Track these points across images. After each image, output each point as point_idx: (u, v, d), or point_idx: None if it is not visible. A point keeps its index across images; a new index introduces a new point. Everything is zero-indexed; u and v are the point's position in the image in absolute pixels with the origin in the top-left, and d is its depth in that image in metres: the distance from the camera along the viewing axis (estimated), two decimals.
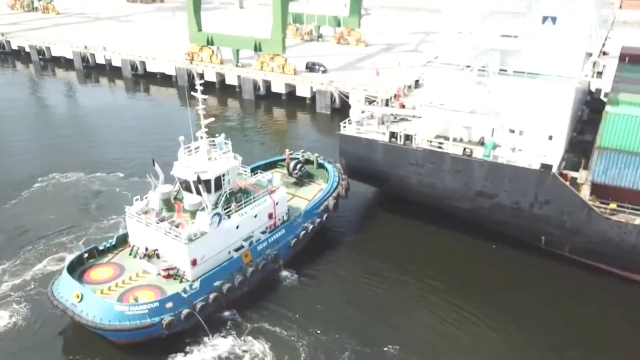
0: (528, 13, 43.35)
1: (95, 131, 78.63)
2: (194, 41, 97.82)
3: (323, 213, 47.47)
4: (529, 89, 43.55)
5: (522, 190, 42.98)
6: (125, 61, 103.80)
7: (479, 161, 43.97)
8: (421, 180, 47.24)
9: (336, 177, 50.88)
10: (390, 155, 47.93)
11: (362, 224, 52.34)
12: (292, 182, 51.54)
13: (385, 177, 49.53)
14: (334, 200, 48.32)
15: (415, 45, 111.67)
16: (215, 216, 39.51)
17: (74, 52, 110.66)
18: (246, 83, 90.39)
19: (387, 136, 47.86)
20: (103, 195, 58.05)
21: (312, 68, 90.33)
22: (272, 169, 54.70)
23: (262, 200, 43.74)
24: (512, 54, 44.74)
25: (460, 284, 42.74)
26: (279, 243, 44.02)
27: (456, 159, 44.81)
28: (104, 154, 68.66)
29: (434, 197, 47.58)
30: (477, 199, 45.24)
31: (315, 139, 74.46)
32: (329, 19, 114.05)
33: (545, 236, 43.96)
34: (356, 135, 49.78)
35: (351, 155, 50.82)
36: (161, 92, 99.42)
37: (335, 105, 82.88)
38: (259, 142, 73.71)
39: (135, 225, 41.53)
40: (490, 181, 44.05)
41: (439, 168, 45.82)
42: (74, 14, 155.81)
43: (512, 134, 45.35)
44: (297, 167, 51.53)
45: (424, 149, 46.16)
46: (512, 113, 44.53)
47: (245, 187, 44.11)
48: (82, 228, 50.55)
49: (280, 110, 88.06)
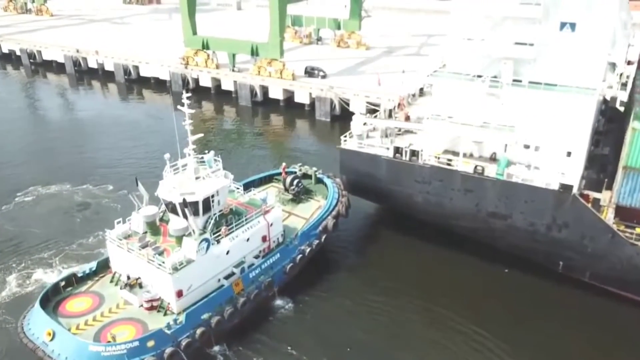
0: (545, 19, 39.80)
1: (85, 139, 75.07)
2: (189, 45, 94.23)
3: (321, 234, 43.96)
4: (545, 101, 40.05)
5: (539, 212, 39.46)
6: (118, 65, 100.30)
7: (492, 180, 40.42)
8: (428, 199, 43.72)
9: (336, 193, 47.38)
10: (394, 172, 44.43)
11: (364, 244, 48.76)
12: (289, 198, 48.06)
13: (389, 194, 46.01)
14: (334, 219, 44.80)
15: (418, 48, 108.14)
16: (203, 242, 36.00)
17: (65, 55, 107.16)
18: (242, 89, 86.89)
19: (392, 151, 44.32)
20: (89, 209, 54.72)
21: (311, 73, 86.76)
22: (267, 184, 51.31)
23: (255, 222, 40.24)
24: (527, 63, 41.19)
25: (471, 310, 39.35)
26: (274, 269, 40.50)
27: (466, 177, 41.28)
28: (93, 164, 65.19)
29: (441, 216, 44.07)
30: (489, 220, 41.72)
31: (314, 149, 70.93)
32: (328, 21, 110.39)
33: (564, 261, 40.47)
34: (358, 150, 46.25)
35: (352, 171, 47.30)
36: (155, 98, 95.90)
37: (336, 112, 79.36)
38: (255, 152, 70.16)
39: (116, 250, 38.07)
40: (504, 201, 40.51)
41: (447, 186, 42.29)
42: (67, 15, 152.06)
43: (526, 149, 41.82)
44: (294, 182, 48.02)
45: (431, 165, 42.63)
46: (527, 127, 41.01)
47: (236, 207, 40.55)
48: (64, 244, 47.49)
49: (278, 117, 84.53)
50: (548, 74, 40.57)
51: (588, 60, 39.48)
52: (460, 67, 43.74)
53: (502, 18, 41.39)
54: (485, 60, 42.56)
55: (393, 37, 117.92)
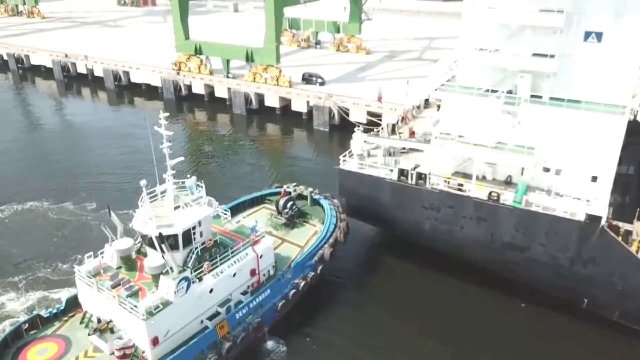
0: (567, 28, 35.54)
1: (69, 151, 70.65)
2: (181, 50, 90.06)
3: (317, 265, 39.67)
4: (568, 119, 35.77)
5: (562, 244, 35.17)
6: (108, 71, 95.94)
7: (508, 208, 36.10)
8: (436, 227, 39.43)
9: (333, 217, 43.09)
10: (399, 196, 40.15)
11: (364, 272, 44.38)
12: (282, 222, 43.79)
13: (393, 220, 41.73)
14: (331, 248, 40.51)
15: (420, 52, 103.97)
16: (182, 281, 31.71)
17: (53, 60, 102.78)
18: (237, 96, 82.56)
19: (396, 174, 40.01)
20: (68, 228, 50.57)
21: (309, 80, 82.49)
22: (259, 205, 47.06)
23: (243, 255, 35.95)
24: (547, 77, 36.97)
25: (485, 349, 35.36)
26: (263, 307, 36.20)
27: (480, 204, 36.96)
28: (76, 179, 60.75)
29: (451, 245, 39.80)
30: (505, 252, 37.43)
31: (312, 162, 66.42)
32: (327, 24, 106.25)
33: (589, 298, 36.19)
34: (358, 171, 41.95)
35: (352, 193, 43.00)
36: (146, 105, 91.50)
37: (335, 121, 75.12)
38: (248, 166, 65.74)
39: (86, 289, 33.80)
40: (522, 232, 36.22)
41: (458, 213, 38.00)
42: (59, 18, 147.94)
43: (546, 173, 37.55)
44: (287, 205, 43.76)
45: (440, 190, 38.32)
46: (547, 148, 36.76)
47: (221, 239, 36.12)
48: (37, 268, 43.92)
49: (274, 127, 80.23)
50: (571, 89, 36.34)
51: (616, 74, 35.22)
52: (472, 81, 39.47)
53: (519, 27, 37.13)
54: (500, 74, 38.35)
55: (394, 40, 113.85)
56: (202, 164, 66.73)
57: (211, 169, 65.37)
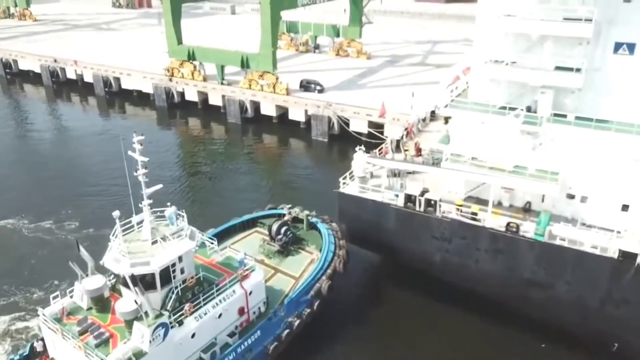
0: (596, 39, 31.62)
1: (54, 163, 66.57)
2: (174, 55, 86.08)
3: (314, 300, 35.68)
4: (596, 141, 31.83)
5: (590, 282, 31.20)
6: (97, 77, 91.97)
7: (529, 241, 32.12)
8: (447, 259, 35.45)
9: (332, 244, 39.04)
10: (406, 224, 36.17)
11: (365, 306, 40.07)
12: (275, 250, 39.80)
13: (399, 249, 37.76)
14: (329, 280, 36.49)
15: (423, 57, 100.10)
16: (159, 328, 27.73)
17: (41, 66, 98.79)
18: (231, 104, 78.55)
19: (402, 199, 36.01)
20: (48, 249, 46.77)
21: (307, 87, 78.49)
22: (251, 229, 43.08)
23: (230, 292, 31.94)
24: (571, 94, 33.06)
25: None
26: (253, 350, 32.19)
27: (497, 235, 32.96)
28: (59, 195, 56.65)
29: (464, 279, 35.78)
30: (525, 289, 33.44)
31: (310, 179, 61.41)
32: (326, 28, 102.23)
33: (620, 342, 32.20)
34: (360, 195, 37.96)
35: (354, 219, 39.01)
36: (138, 113, 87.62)
37: (334, 131, 71.11)
38: (241, 182, 61.49)
39: (51, 334, 29.83)
40: (544, 268, 32.24)
41: (472, 245, 34.02)
42: (51, 21, 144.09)
43: (570, 199, 33.60)
44: (281, 229, 39.75)
45: (451, 219, 34.31)
46: (571, 172, 32.79)
47: (204, 275, 31.96)
48: (7, 293, 40.38)
49: (270, 137, 76.25)
50: (598, 107, 32.42)
51: None
52: (485, 96, 35.53)
53: (539, 37, 33.18)
54: (517, 89, 34.44)
55: (395, 44, 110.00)
56: (192, 178, 62.80)
57: (202, 184, 61.37)
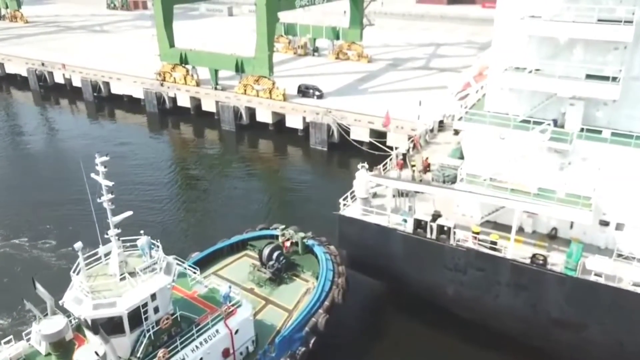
0: (635, 43, 27.53)
1: (35, 173, 62.61)
2: (165, 59, 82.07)
3: (309, 336, 31.49)
4: (635, 160, 27.75)
5: (630, 324, 27.12)
6: (86, 82, 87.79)
7: (559, 276, 28.02)
8: (461, 293, 31.31)
9: (330, 271, 34.75)
10: (415, 253, 32.04)
11: (367, 340, 35.41)
12: (267, 277, 35.66)
13: (406, 279, 33.56)
14: (326, 314, 32.31)
15: (426, 60, 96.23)
16: None
17: (28, 70, 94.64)
18: (225, 111, 74.36)
19: (411, 225, 31.88)
20: (21, 268, 42.63)
21: (306, 92, 74.47)
22: (240, 252, 38.99)
23: (212, 333, 27.85)
24: (604, 105, 28.96)
25: None
26: None
27: (520, 268, 28.82)
28: (38, 209, 52.60)
29: (480, 315, 31.65)
30: (552, 329, 29.31)
31: (307, 194, 56.99)
32: (326, 30, 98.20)
33: None
34: (363, 219, 33.83)
35: (355, 244, 34.85)
36: (128, 119, 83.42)
37: (334, 139, 66.96)
38: (234, 196, 56.87)
39: None
40: (575, 306, 28.16)
41: (491, 279, 29.90)
42: (43, 23, 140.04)
43: (604, 227, 29.51)
44: (273, 254, 35.57)
45: (467, 248, 30.19)
46: (605, 196, 28.73)
47: (182, 313, 27.79)
48: None
49: (266, 145, 72.06)
50: (636, 121, 28.32)
51: None
52: (505, 108, 31.46)
53: (568, 41, 29.10)
54: (541, 99, 30.32)
55: (397, 47, 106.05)
56: (180, 191, 58.69)
57: (190, 198, 57.08)
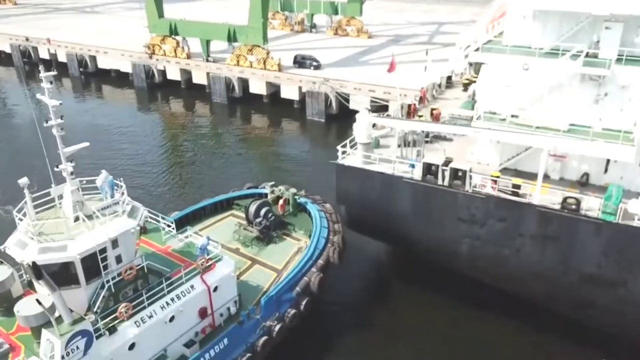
0: None
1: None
2: (155, 30, 77.84)
3: (300, 297, 27.39)
4: None
5: None
6: (71, 56, 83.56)
7: (595, 222, 23.83)
8: (478, 250, 27.06)
9: (324, 229, 30.77)
10: (424, 203, 27.81)
11: (366, 306, 31.52)
12: (254, 236, 31.55)
13: (413, 237, 29.31)
14: (320, 273, 28.22)
15: (429, 37, 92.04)
16: (76, 338, 19.40)
17: (11, 45, 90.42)
18: (217, 82, 70.15)
19: (420, 171, 27.67)
20: None
21: (302, 63, 70.26)
22: (225, 212, 35.03)
23: (187, 288, 23.71)
24: None
25: None
26: None
27: (549, 215, 24.58)
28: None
29: (499, 276, 27.44)
30: (585, 288, 25.12)
31: (303, 163, 53.03)
32: (324, 5, 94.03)
33: None
34: (364, 167, 29.57)
35: (355, 199, 30.57)
36: (116, 94, 79.24)
37: (332, 110, 62.98)
38: (224, 165, 53.05)
39: None
40: (614, 259, 23.97)
41: (513, 230, 25.65)
42: (32, 4, 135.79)
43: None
44: (261, 211, 31.48)
45: (486, 195, 25.98)
46: None
47: (151, 263, 23.68)
48: None
49: (260, 117, 67.89)
50: None
51: None
52: (527, 38, 27.25)
53: None
54: (570, 24, 26.11)
55: (398, 24, 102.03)
56: (166, 160, 54.73)
57: (179, 169, 52.96)
